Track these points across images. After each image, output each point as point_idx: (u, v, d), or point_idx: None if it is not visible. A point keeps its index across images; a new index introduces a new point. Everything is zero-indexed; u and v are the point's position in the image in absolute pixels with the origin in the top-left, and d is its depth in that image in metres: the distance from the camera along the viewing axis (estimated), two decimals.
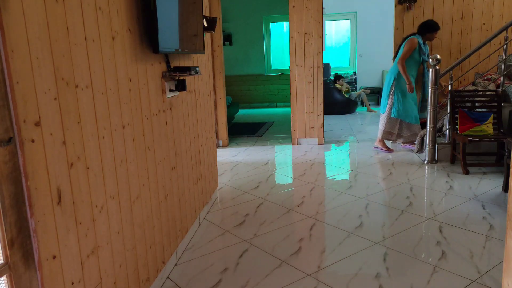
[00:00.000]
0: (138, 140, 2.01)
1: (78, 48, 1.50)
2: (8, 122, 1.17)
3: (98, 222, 1.63)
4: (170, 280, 2.38)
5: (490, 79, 5.10)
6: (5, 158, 1.16)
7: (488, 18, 5.47)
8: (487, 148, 4.55)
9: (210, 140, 3.60)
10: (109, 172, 1.73)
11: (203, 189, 3.30)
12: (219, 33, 5.55)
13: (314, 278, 2.34)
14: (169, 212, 2.47)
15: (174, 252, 2.55)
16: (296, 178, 4.34)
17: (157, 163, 2.27)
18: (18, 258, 1.22)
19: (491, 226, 2.92)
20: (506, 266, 1.47)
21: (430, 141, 4.59)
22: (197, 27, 2.76)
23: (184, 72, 2.42)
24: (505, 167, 3.66)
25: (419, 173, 4.28)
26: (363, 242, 2.75)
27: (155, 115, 2.24)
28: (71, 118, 1.45)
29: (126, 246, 1.89)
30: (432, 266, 2.42)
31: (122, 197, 1.85)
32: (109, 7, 1.74)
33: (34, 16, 1.26)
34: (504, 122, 4.43)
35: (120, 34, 1.83)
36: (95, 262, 1.61)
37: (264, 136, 6.59)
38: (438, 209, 3.28)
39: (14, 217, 1.20)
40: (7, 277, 1.21)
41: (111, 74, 1.74)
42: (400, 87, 4.92)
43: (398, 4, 5.58)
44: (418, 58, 4.86)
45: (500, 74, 4.74)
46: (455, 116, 4.46)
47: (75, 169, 1.47)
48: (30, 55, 1.23)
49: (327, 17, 9.41)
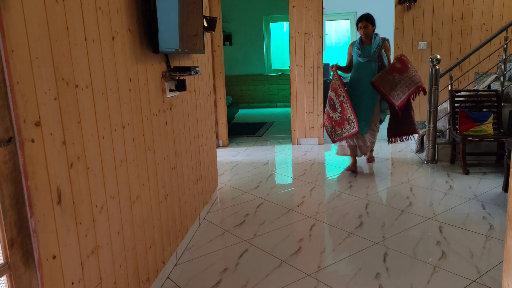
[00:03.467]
0: (138, 140, 2.01)
1: (78, 48, 1.50)
2: (8, 122, 1.17)
3: (98, 222, 1.63)
4: (170, 280, 2.38)
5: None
6: (5, 158, 1.16)
7: (488, 18, 5.48)
8: (487, 148, 4.55)
9: (210, 140, 3.60)
10: (109, 172, 1.72)
11: (203, 189, 3.30)
12: (219, 33, 5.55)
13: (314, 278, 2.34)
14: (169, 212, 2.47)
15: (174, 252, 2.55)
16: (296, 178, 4.34)
17: (157, 163, 2.27)
18: (18, 258, 1.22)
19: (491, 226, 2.92)
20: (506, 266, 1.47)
21: (430, 141, 4.59)
22: (197, 27, 2.76)
23: (184, 72, 2.42)
24: (505, 167, 3.66)
25: (419, 173, 4.28)
26: (363, 242, 2.75)
27: (155, 115, 2.24)
28: (71, 118, 1.45)
29: (126, 246, 1.89)
30: (432, 266, 2.42)
31: (122, 197, 1.85)
32: (109, 7, 1.74)
33: (34, 16, 1.26)
34: (504, 122, 4.43)
35: (120, 34, 1.83)
36: (95, 262, 1.61)
37: (264, 136, 6.59)
38: (438, 209, 3.28)
39: (14, 217, 1.20)
40: (7, 277, 1.21)
41: (111, 74, 1.74)
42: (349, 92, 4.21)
43: (398, 4, 5.58)
44: (355, 59, 4.28)
45: (500, 74, 4.74)
46: (455, 116, 4.46)
47: (75, 169, 1.47)
48: (30, 55, 1.23)
49: (327, 17, 9.41)
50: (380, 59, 4.17)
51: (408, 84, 3.98)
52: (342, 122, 4.13)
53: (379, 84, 4.01)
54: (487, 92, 4.61)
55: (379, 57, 4.16)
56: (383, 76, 4.02)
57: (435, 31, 5.55)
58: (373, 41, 4.16)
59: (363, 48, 4.20)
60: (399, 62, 4.03)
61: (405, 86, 3.98)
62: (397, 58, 4.09)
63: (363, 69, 4.21)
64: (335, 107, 4.18)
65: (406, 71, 4.00)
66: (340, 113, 4.13)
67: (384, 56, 4.19)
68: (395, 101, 3.97)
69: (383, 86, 3.99)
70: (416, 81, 3.99)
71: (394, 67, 4.02)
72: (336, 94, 4.12)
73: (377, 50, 4.13)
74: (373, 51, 4.15)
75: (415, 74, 4.04)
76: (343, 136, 4.17)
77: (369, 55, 4.16)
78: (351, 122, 4.04)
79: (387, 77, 4.00)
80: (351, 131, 4.06)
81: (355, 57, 4.26)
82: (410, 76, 3.99)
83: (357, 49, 4.20)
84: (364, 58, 4.17)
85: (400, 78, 3.96)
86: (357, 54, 4.21)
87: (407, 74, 4.00)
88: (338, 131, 4.22)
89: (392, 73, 3.98)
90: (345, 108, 4.05)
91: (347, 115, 4.06)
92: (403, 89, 3.98)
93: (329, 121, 4.30)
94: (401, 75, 3.98)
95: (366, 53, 4.18)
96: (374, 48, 4.15)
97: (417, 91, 4.00)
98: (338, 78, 4.09)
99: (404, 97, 3.97)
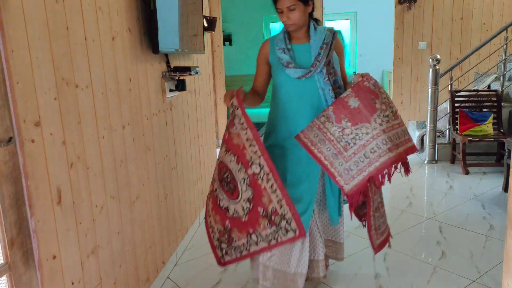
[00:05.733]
0: (138, 140, 2.01)
1: (78, 48, 1.50)
2: (8, 122, 1.17)
3: (98, 222, 1.63)
4: (170, 280, 2.38)
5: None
6: (5, 158, 1.16)
7: (488, 18, 5.47)
8: (487, 148, 4.55)
9: (210, 140, 3.60)
10: (109, 172, 1.72)
11: (203, 189, 3.30)
12: (219, 33, 5.54)
13: None
14: (169, 212, 2.47)
15: (174, 252, 2.55)
16: None
17: (157, 163, 2.27)
18: (18, 258, 1.22)
19: (491, 226, 2.92)
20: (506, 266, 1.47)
21: (430, 141, 4.59)
22: (197, 27, 2.76)
23: (184, 72, 2.42)
24: (505, 167, 3.66)
25: (419, 173, 4.28)
26: (363, 242, 2.75)
27: (155, 115, 2.24)
28: (71, 118, 1.45)
29: (126, 246, 1.89)
30: (432, 266, 2.42)
31: (122, 197, 1.85)
32: (109, 7, 1.74)
33: (34, 16, 1.26)
34: (504, 122, 4.43)
35: (120, 34, 1.83)
36: (95, 262, 1.61)
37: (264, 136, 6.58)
38: (438, 209, 3.28)
39: (14, 217, 1.20)
40: (7, 277, 1.21)
41: (111, 74, 1.74)
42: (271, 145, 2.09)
43: (398, 4, 5.58)
44: (278, 78, 2.03)
45: (500, 74, 4.74)
46: (455, 116, 4.46)
47: (75, 169, 1.47)
48: (30, 55, 1.23)
49: (327, 17, 9.41)
50: (332, 72, 1.98)
51: (378, 144, 1.83)
52: (252, 221, 1.87)
53: (309, 141, 1.87)
54: (487, 92, 4.61)
55: (329, 67, 1.97)
56: (318, 125, 1.87)
57: (435, 31, 5.55)
58: (312, 33, 1.99)
59: (293, 50, 2.01)
60: (356, 95, 1.85)
61: (371, 150, 1.83)
62: (356, 86, 1.86)
63: (297, 95, 2.00)
64: (235, 186, 1.89)
65: (371, 112, 1.83)
66: (248, 201, 1.86)
67: (337, 64, 2.02)
68: (343, 179, 1.86)
69: (318, 147, 1.86)
70: (397, 141, 1.86)
71: (344, 107, 1.85)
72: (240, 158, 1.86)
73: (325, 52, 1.95)
74: (315, 54, 1.96)
75: (391, 117, 1.86)
76: (255, 251, 1.91)
77: (307, 64, 1.97)
78: (281, 221, 1.82)
79: (327, 128, 1.86)
80: (282, 240, 1.85)
81: (278, 70, 2.02)
82: (381, 126, 1.83)
83: (281, 53, 1.99)
84: (297, 71, 1.94)
85: (358, 132, 1.84)
86: (282, 64, 1.98)
87: (376, 118, 1.83)
88: (238, 240, 1.94)
89: (340, 119, 1.85)
90: (262, 190, 1.82)
91: (267, 206, 1.82)
92: (363, 156, 1.84)
93: (218, 218, 1.99)
94: (358, 123, 1.84)
95: (301, 58, 1.99)
96: (317, 48, 1.97)
97: (398, 162, 1.86)
98: (245, 119, 1.86)
99: (365, 175, 1.85)
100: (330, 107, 1.86)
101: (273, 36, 2.10)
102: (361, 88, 1.84)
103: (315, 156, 1.86)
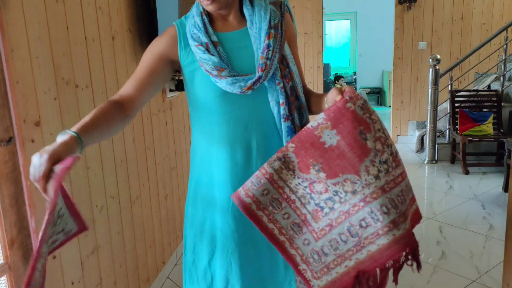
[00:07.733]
0: (138, 140, 2.01)
1: (78, 47, 1.49)
2: (8, 122, 1.17)
3: (98, 222, 1.63)
4: (170, 280, 2.38)
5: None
6: (5, 158, 1.16)
7: (488, 18, 5.47)
8: (487, 148, 4.55)
9: None
10: (109, 172, 1.72)
11: None
12: None
13: None
14: (169, 212, 2.47)
15: (174, 252, 2.55)
16: None
17: (157, 163, 2.27)
18: (18, 258, 1.22)
19: (491, 226, 2.92)
20: (506, 266, 1.47)
21: (430, 141, 4.59)
22: None
23: None
24: (505, 167, 3.66)
25: (419, 173, 4.28)
26: None
27: (155, 115, 2.23)
28: (71, 118, 1.44)
29: (126, 246, 1.89)
30: (432, 266, 2.42)
31: (122, 197, 1.85)
32: (109, 7, 1.74)
33: (34, 15, 1.26)
34: (504, 122, 4.43)
35: (120, 34, 1.83)
36: (95, 262, 1.61)
37: None
38: (438, 209, 3.28)
39: (14, 217, 1.20)
40: (7, 277, 1.21)
41: (111, 73, 1.74)
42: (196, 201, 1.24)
43: (398, 4, 5.58)
44: (201, 93, 1.13)
45: (500, 74, 4.74)
46: (455, 116, 4.46)
47: (75, 169, 1.47)
48: (30, 55, 1.23)
49: (327, 17, 9.42)
50: (287, 73, 1.14)
51: (374, 213, 0.98)
52: None
53: (254, 203, 1.04)
54: (487, 92, 4.61)
55: (283, 65, 1.13)
56: (270, 175, 1.02)
57: (435, 31, 5.55)
58: (249, 11, 1.11)
59: (221, 44, 1.11)
60: (334, 124, 0.95)
61: (361, 223, 1.00)
62: (333, 109, 0.95)
63: (237, 120, 1.14)
64: None
65: (361, 155, 0.95)
66: None
67: (291, 61, 1.18)
68: (309, 270, 1.08)
69: (268, 213, 1.05)
70: (403, 206, 0.99)
71: (313, 145, 0.98)
72: None
73: (276, 42, 1.08)
74: (259, 48, 1.09)
75: (391, 163, 0.98)
76: None
77: (249, 65, 1.11)
78: None
79: (285, 181, 1.03)
80: None
81: (199, 80, 1.13)
82: (377, 181, 0.96)
83: (202, 51, 1.08)
84: (237, 80, 1.07)
85: (338, 189, 0.99)
86: (207, 70, 1.08)
87: (369, 166, 0.96)
88: None
89: (307, 165, 0.99)
90: None
91: None
92: (347, 231, 1.02)
93: None
94: (338, 174, 0.98)
95: (238, 57, 1.12)
96: (260, 36, 1.09)
97: (407, 246, 1.04)
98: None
99: (351, 268, 1.05)
100: (290, 144, 1.00)
101: (181, 21, 1.16)
102: (342, 114, 0.95)
103: (263, 228, 1.05)
